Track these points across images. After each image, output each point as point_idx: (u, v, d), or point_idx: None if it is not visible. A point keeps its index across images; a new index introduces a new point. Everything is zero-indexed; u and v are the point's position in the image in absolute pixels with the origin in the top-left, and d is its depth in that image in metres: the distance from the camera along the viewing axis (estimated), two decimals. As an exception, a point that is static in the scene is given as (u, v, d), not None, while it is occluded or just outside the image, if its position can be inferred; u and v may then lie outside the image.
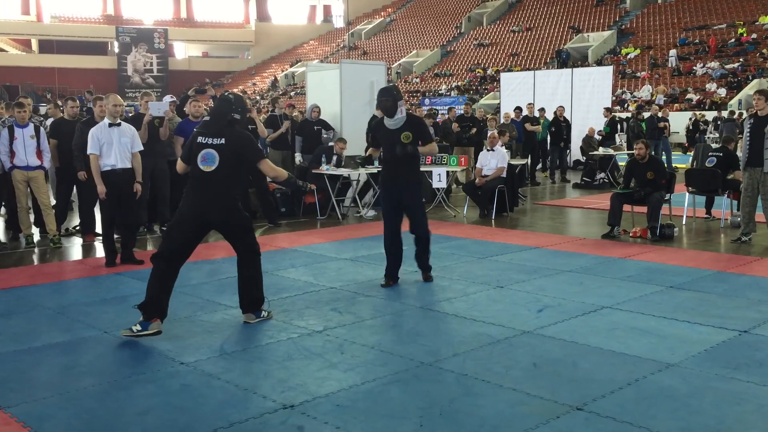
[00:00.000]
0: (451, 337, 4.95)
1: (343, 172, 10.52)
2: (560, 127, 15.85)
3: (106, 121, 7.10)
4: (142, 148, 7.38)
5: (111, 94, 7.50)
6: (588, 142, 15.85)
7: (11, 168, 8.08)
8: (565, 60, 35.19)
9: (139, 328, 4.81)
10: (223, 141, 4.99)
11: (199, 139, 5.07)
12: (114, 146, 7.00)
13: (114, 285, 6.46)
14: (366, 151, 8.16)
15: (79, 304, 5.83)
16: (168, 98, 10.06)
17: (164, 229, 9.12)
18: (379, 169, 7.22)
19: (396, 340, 4.87)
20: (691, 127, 25.58)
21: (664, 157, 15.89)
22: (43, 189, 8.30)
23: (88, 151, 7.01)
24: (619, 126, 17.58)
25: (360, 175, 10.89)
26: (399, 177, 6.34)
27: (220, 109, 5.11)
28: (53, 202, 8.98)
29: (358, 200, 11.07)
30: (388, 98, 6.23)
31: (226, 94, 5.35)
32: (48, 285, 6.58)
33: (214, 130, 5.05)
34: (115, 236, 7.31)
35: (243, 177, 5.18)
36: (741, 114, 21.72)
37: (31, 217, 8.62)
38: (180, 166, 5.31)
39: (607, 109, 17.45)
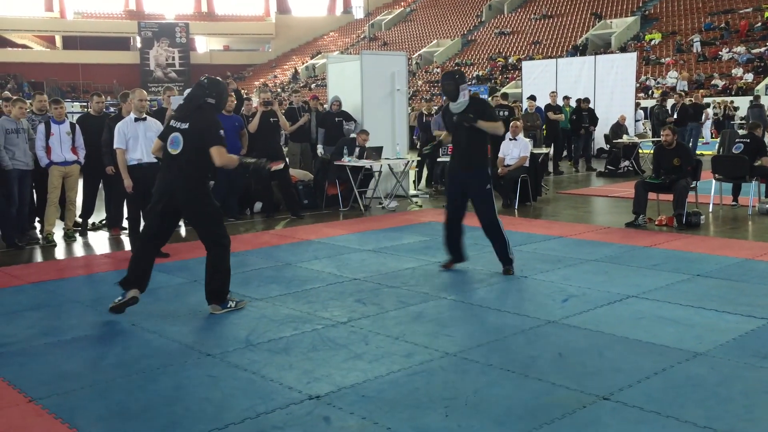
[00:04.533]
0: (475, 328, 4.94)
1: (365, 163, 10.52)
2: (581, 116, 15.70)
3: (132, 115, 7.17)
4: (167, 142, 7.43)
5: (137, 88, 7.57)
6: (616, 130, 15.67)
7: (49, 164, 8.19)
8: (582, 52, 34.78)
9: (119, 298, 5.20)
10: (187, 125, 5.12)
11: (172, 122, 5.25)
12: (140, 141, 7.06)
13: (140, 278, 6.52)
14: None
15: (107, 296, 5.88)
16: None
17: (185, 221, 9.24)
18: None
19: (420, 331, 4.88)
20: (720, 118, 25.20)
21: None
22: (75, 185, 8.41)
23: (115, 146, 7.09)
24: (643, 114, 17.40)
25: (382, 166, 10.89)
26: (462, 163, 6.21)
27: (192, 94, 5.25)
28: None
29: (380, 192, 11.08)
30: (450, 81, 6.14)
31: (202, 78, 5.41)
32: (76, 278, 6.68)
33: (183, 115, 5.21)
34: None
35: (208, 162, 5.14)
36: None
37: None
38: (155, 145, 5.50)
39: (679, 95, 17.20)
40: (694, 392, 3.71)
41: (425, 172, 13.45)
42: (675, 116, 16.25)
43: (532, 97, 15.85)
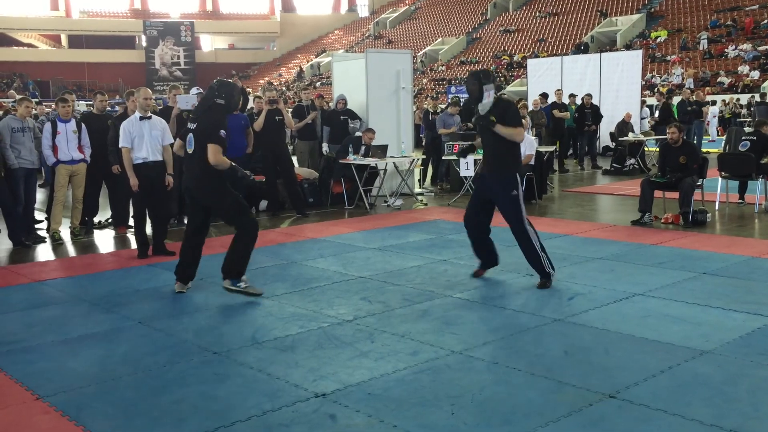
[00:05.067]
0: (481, 326, 4.94)
1: (370, 161, 10.52)
2: (584, 113, 15.66)
3: (137, 114, 7.18)
4: (172, 140, 7.42)
5: (141, 87, 7.58)
6: (622, 128, 15.63)
7: (56, 163, 8.21)
8: (585, 51, 34.70)
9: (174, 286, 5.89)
10: (196, 125, 5.56)
11: (188, 124, 5.72)
12: (145, 139, 7.08)
13: (147, 276, 6.55)
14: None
15: (113, 295, 5.92)
16: (195, 91, 10.14)
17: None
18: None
19: (426, 329, 4.88)
20: (726, 116, 25.12)
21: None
22: (82, 183, 8.44)
23: (120, 145, 7.10)
24: (649, 111, 17.34)
25: (387, 164, 10.89)
26: (489, 166, 5.94)
27: (205, 96, 5.73)
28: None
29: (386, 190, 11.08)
30: (474, 82, 5.85)
31: (213, 81, 5.80)
32: (82, 277, 6.70)
33: (196, 115, 5.66)
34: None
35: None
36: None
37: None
38: (176, 144, 6.02)
39: (661, 94, 17.12)
40: (700, 390, 3.71)
41: (430, 170, 13.44)
42: (657, 115, 16.16)
43: (544, 95, 15.82)
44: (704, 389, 3.72)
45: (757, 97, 22.14)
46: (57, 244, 8.22)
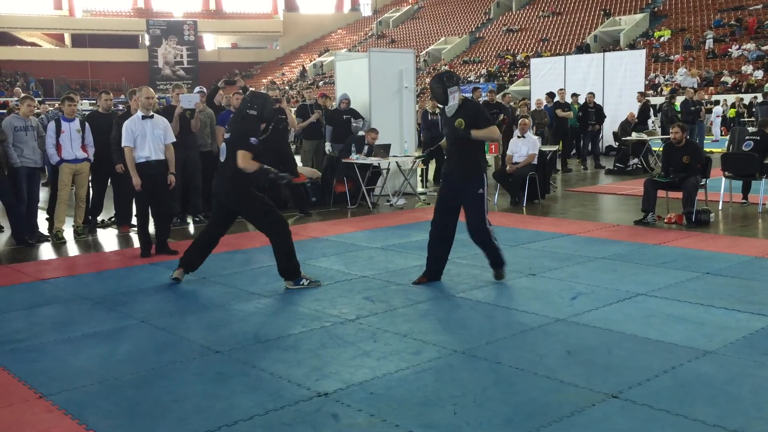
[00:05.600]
0: (484, 325, 4.94)
1: (372, 161, 10.52)
2: (587, 113, 15.64)
3: (140, 113, 7.19)
4: (175, 139, 7.45)
5: (144, 86, 7.59)
6: (625, 128, 15.60)
7: (60, 162, 8.22)
8: (586, 52, 34.62)
9: (171, 273, 6.18)
10: (229, 135, 5.87)
11: (224, 134, 6.09)
12: (147, 138, 7.08)
13: (149, 275, 6.56)
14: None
15: (116, 294, 5.93)
16: (197, 90, 10.15)
17: (197, 219, 9.29)
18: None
19: (429, 329, 4.88)
20: (729, 116, 25.05)
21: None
22: (85, 182, 8.45)
23: (123, 144, 7.11)
24: (651, 111, 17.28)
25: (390, 164, 10.89)
26: (456, 168, 5.93)
27: (239, 107, 6.04)
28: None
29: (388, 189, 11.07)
30: (437, 85, 5.86)
31: (246, 94, 6.10)
32: (85, 275, 6.71)
33: (230, 126, 5.97)
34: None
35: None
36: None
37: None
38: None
39: (641, 94, 17.13)
40: (703, 390, 3.70)
41: (432, 169, 13.43)
42: (636, 117, 16.10)
43: (551, 94, 15.79)
44: (707, 389, 3.71)
45: (760, 97, 22.09)
46: (60, 243, 8.23)
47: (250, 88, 14.16)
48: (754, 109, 22.18)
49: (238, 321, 5.11)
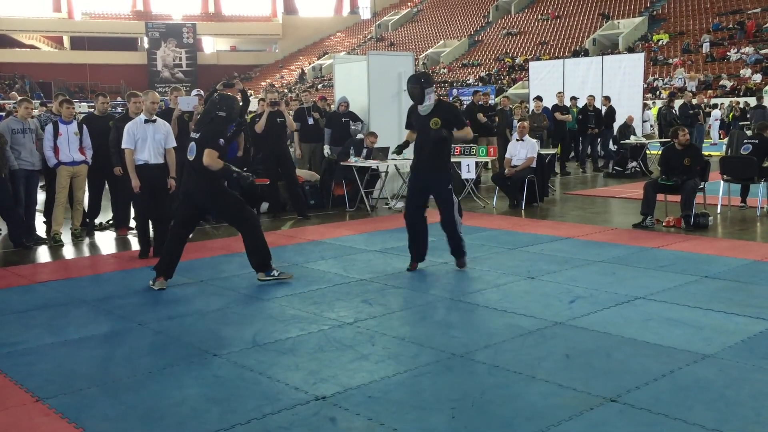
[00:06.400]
0: (482, 329, 4.93)
1: (371, 163, 10.51)
2: (587, 116, 15.65)
3: (142, 117, 7.19)
4: (176, 144, 7.42)
5: (149, 91, 7.58)
6: (624, 131, 15.60)
7: (57, 164, 8.20)
8: (585, 56, 34.64)
9: (151, 282, 6.12)
10: (198, 135, 5.99)
11: (191, 133, 6.24)
12: (148, 142, 7.08)
13: (147, 278, 6.52)
14: None
15: (114, 296, 5.92)
16: (195, 92, 10.14)
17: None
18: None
19: (427, 332, 4.87)
20: (727, 120, 25.08)
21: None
22: (83, 185, 8.43)
23: (123, 146, 7.10)
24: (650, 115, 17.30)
25: (389, 166, 10.88)
26: (427, 164, 6.39)
27: (206, 109, 6.17)
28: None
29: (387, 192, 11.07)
30: (415, 85, 6.29)
31: (214, 96, 6.30)
32: (83, 278, 6.69)
33: (198, 126, 6.13)
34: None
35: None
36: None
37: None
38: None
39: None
40: (702, 394, 3.69)
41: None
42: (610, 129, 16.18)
43: (539, 98, 15.80)
44: (706, 393, 3.70)
45: (754, 101, 22.13)
46: (57, 245, 8.21)
47: (249, 91, 14.17)
48: (748, 115, 22.23)
49: (236, 324, 5.10)
